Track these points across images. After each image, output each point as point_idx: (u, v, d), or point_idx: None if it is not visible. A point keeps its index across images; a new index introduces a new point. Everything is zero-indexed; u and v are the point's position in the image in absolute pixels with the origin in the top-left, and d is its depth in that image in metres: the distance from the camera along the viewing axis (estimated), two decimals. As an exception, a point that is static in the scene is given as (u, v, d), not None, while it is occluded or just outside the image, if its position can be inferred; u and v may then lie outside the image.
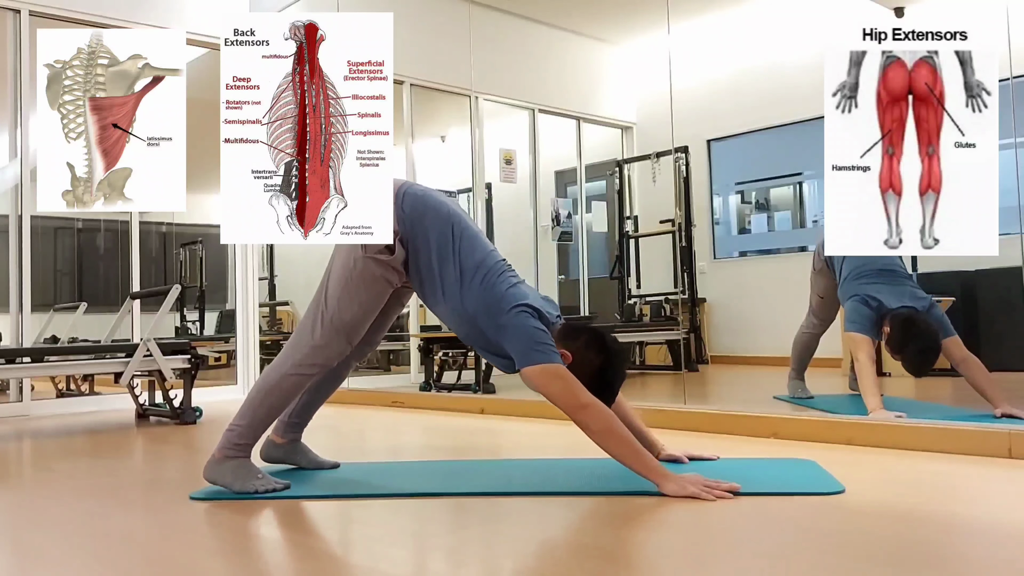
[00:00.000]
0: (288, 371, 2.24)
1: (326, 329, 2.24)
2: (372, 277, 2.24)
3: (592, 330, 2.28)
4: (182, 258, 6.80)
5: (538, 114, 6.90)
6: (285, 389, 2.24)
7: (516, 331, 2.12)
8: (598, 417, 2.06)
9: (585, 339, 2.22)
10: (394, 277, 2.27)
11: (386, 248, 2.23)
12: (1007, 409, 3.05)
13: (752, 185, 7.02)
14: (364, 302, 2.25)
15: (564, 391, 2.08)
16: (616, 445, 2.07)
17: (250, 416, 2.22)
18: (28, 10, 4.77)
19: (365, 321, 2.29)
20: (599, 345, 2.22)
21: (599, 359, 2.20)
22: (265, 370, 2.30)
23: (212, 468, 2.20)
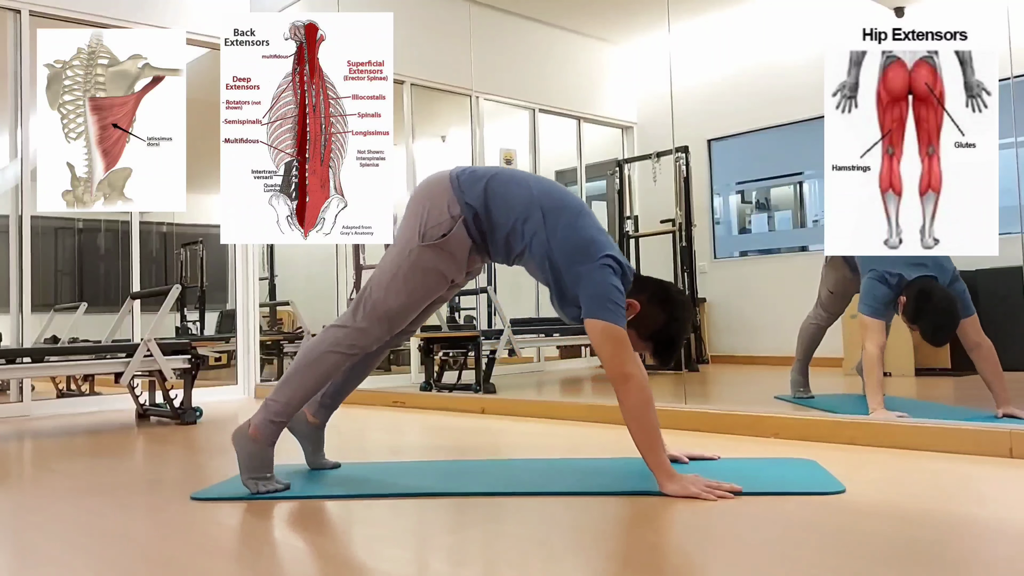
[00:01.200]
0: (328, 348, 2.22)
1: (369, 313, 2.22)
2: (425, 268, 2.20)
3: (659, 283, 2.25)
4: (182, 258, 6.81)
5: (538, 114, 6.90)
6: (324, 367, 2.22)
7: (595, 283, 2.09)
8: (636, 393, 2.05)
9: (651, 291, 2.20)
10: (451, 268, 2.23)
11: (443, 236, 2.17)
12: (1008, 409, 3.04)
13: (752, 185, 7.02)
14: (413, 291, 2.22)
15: (614, 355, 2.06)
16: (640, 428, 2.05)
17: (288, 393, 2.21)
18: (28, 10, 4.77)
19: (410, 311, 2.26)
20: (664, 297, 2.20)
21: (664, 313, 2.18)
22: (305, 348, 2.29)
23: (241, 439, 2.20)
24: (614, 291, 2.09)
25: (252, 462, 2.19)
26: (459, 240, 2.19)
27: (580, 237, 2.15)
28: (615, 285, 2.10)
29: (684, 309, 2.23)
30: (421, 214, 2.21)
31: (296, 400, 2.23)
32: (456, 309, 6.83)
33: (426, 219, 2.20)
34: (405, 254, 2.21)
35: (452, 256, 2.21)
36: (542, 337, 6.19)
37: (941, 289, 3.13)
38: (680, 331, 2.22)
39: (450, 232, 2.18)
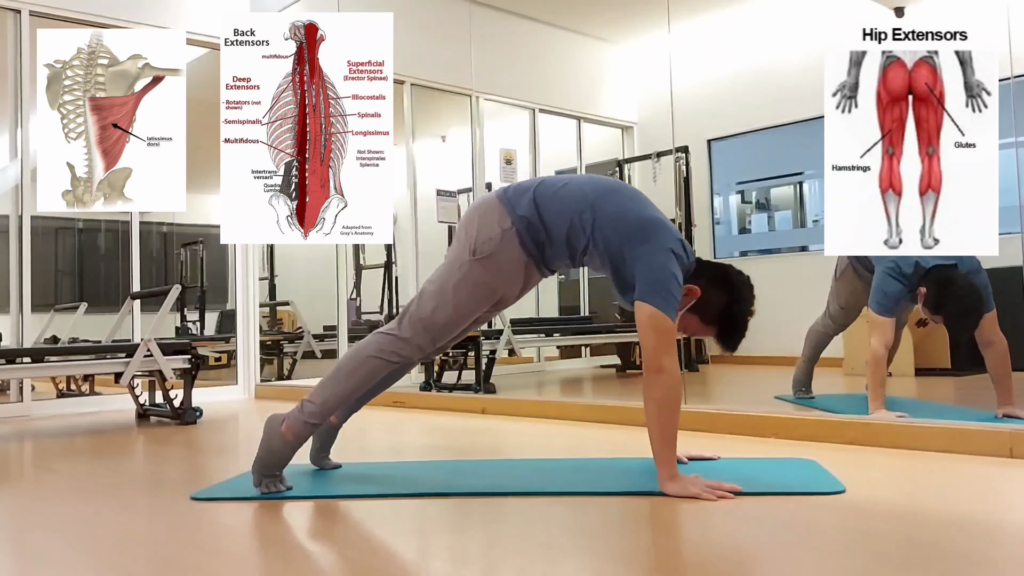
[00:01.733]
0: (371, 354, 2.21)
1: (415, 324, 2.21)
2: (475, 282, 2.18)
3: (718, 265, 2.23)
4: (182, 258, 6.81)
5: (538, 114, 6.90)
6: (364, 372, 2.21)
7: (653, 267, 2.06)
8: (666, 388, 2.04)
9: (710, 275, 2.18)
10: (501, 282, 2.20)
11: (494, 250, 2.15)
12: (1008, 409, 3.04)
13: (752, 185, 7.02)
14: (460, 305, 2.19)
15: (656, 345, 2.04)
16: (659, 423, 2.04)
17: (325, 395, 2.20)
18: (28, 10, 4.77)
19: (456, 326, 2.23)
20: (724, 279, 2.18)
21: (725, 295, 2.16)
22: (348, 352, 2.27)
23: (272, 430, 2.19)
24: (672, 279, 2.06)
25: (271, 458, 2.18)
26: (512, 253, 2.17)
27: (636, 217, 2.13)
28: (674, 273, 2.07)
29: (746, 290, 2.21)
30: (471, 231, 2.19)
31: (332, 402, 2.21)
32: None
33: (476, 235, 2.18)
34: (455, 268, 2.19)
35: (503, 270, 2.18)
36: (542, 337, 6.19)
37: (963, 276, 3.04)
38: (744, 312, 2.19)
39: (501, 245, 2.15)
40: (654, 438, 2.05)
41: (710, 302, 2.16)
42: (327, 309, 6.07)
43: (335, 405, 2.23)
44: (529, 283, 2.28)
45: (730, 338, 2.20)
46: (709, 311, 2.16)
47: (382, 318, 6.84)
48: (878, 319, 3.18)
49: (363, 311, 6.94)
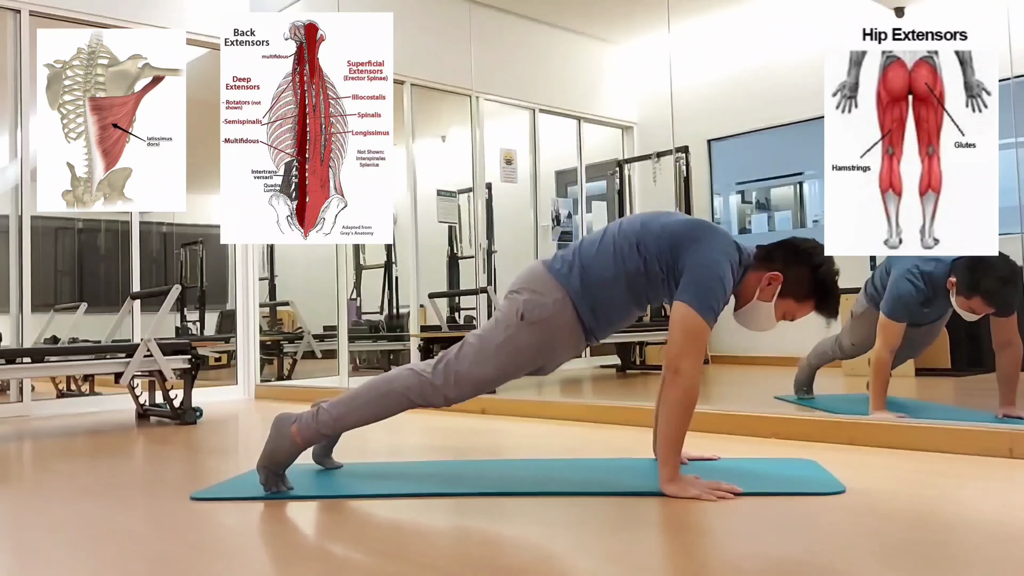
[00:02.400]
0: (399, 389, 2.19)
1: (449, 374, 2.17)
2: (519, 346, 2.15)
3: (782, 243, 2.20)
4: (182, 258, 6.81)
5: (538, 114, 6.90)
6: (387, 404, 2.20)
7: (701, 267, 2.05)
8: (681, 389, 2.02)
9: (782, 254, 2.16)
10: (546, 348, 2.16)
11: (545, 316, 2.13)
12: (1009, 410, 3.04)
13: (752, 185, 7.02)
14: (500, 365, 2.16)
15: (681, 345, 2.03)
16: (669, 422, 2.03)
17: (343, 412, 2.19)
18: (28, 10, 4.77)
19: (490, 384, 2.21)
20: (795, 252, 2.16)
21: (805, 266, 2.14)
22: (377, 379, 2.24)
23: (281, 429, 2.18)
24: (716, 280, 2.05)
25: (277, 456, 2.17)
26: (562, 320, 2.15)
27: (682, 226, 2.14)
28: (720, 275, 2.05)
29: (819, 250, 2.19)
30: (521, 295, 2.17)
31: (348, 422, 2.20)
32: (456, 309, 6.84)
33: (526, 299, 2.15)
34: (501, 327, 2.16)
35: (552, 337, 2.16)
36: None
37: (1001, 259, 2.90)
38: (829, 271, 2.16)
39: (553, 312, 2.13)
40: (662, 437, 2.05)
41: (796, 279, 2.13)
42: (327, 309, 6.07)
43: (350, 425, 2.22)
44: (575, 351, 2.26)
45: (829, 304, 2.16)
46: (799, 288, 2.13)
47: (382, 318, 6.84)
48: (887, 322, 3.15)
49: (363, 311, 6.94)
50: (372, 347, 6.99)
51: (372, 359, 7.01)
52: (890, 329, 3.14)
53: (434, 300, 5.95)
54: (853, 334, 3.61)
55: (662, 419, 2.06)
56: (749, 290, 2.16)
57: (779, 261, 2.15)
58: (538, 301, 2.14)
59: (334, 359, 5.82)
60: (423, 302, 6.08)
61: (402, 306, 6.59)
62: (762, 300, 2.15)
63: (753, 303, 2.16)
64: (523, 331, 2.14)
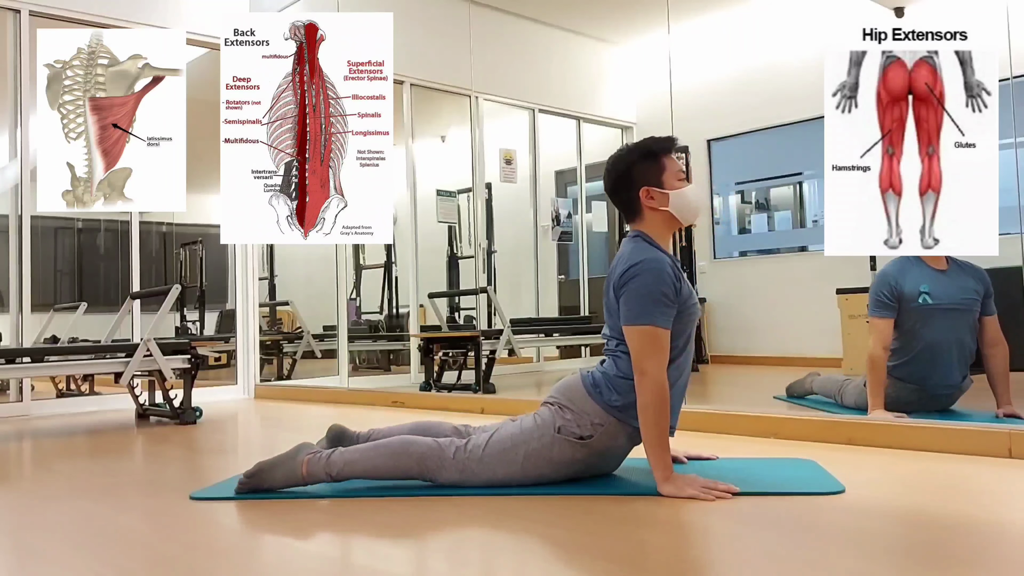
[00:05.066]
0: (417, 455, 2.13)
1: (470, 464, 2.12)
2: (551, 458, 2.11)
3: (618, 155, 2.25)
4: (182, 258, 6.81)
5: (538, 114, 6.91)
6: (399, 464, 2.14)
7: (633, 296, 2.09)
8: (648, 391, 2.03)
9: (623, 183, 2.22)
10: (581, 462, 2.13)
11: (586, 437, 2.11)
12: (1008, 409, 3.04)
13: (752, 185, 7.02)
14: (526, 471, 2.12)
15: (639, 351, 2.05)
16: (646, 424, 2.04)
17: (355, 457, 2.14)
18: (28, 10, 4.77)
19: (519, 485, 2.14)
20: (635, 153, 2.22)
21: (640, 157, 2.20)
22: (404, 438, 2.19)
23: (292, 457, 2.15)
24: (647, 297, 2.07)
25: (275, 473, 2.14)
26: (608, 439, 2.12)
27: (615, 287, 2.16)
28: (647, 284, 2.08)
29: (641, 144, 2.22)
30: (561, 408, 2.14)
31: (356, 469, 2.14)
32: (456, 309, 6.84)
33: (565, 415, 2.12)
34: (536, 436, 2.12)
35: (592, 455, 2.13)
36: (542, 337, 6.19)
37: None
38: (646, 144, 2.21)
39: (595, 434, 2.11)
40: (645, 441, 2.06)
41: (642, 175, 2.18)
42: (327, 309, 6.07)
43: (357, 473, 2.15)
44: (624, 455, 2.23)
45: (650, 147, 2.20)
46: (649, 176, 2.18)
47: (382, 318, 6.84)
48: (876, 321, 3.17)
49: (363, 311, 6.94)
50: (372, 347, 6.99)
51: (372, 359, 7.02)
52: (877, 326, 3.16)
53: (434, 300, 5.95)
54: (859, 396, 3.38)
55: (641, 425, 2.06)
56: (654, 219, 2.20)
57: (634, 185, 2.19)
58: (577, 422, 2.11)
59: (334, 359, 5.82)
60: (423, 302, 6.08)
61: (402, 306, 6.59)
62: (662, 206, 2.18)
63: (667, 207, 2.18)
64: (559, 447, 2.11)
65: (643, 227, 2.22)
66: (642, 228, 2.22)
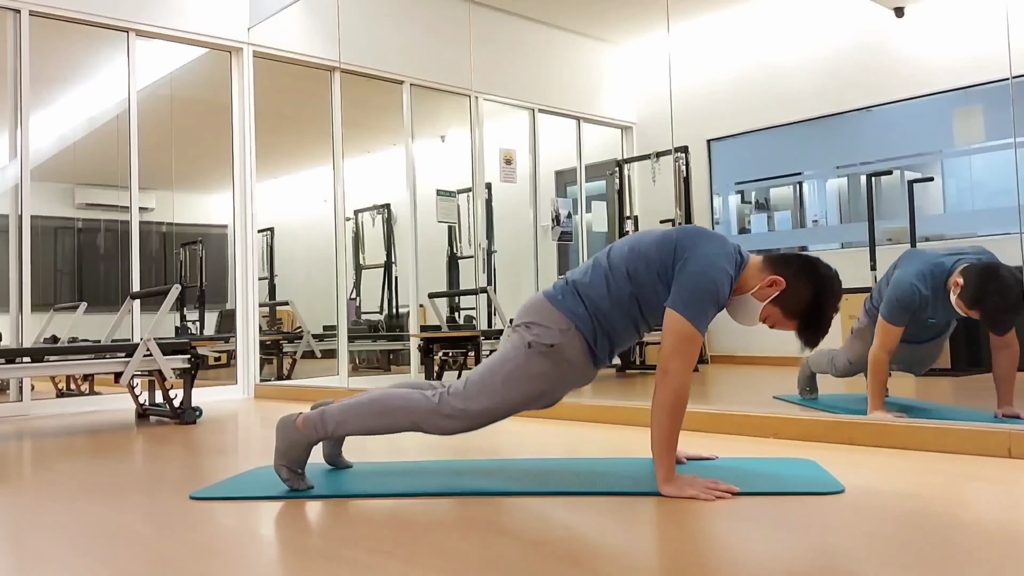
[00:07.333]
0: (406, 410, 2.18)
1: (456, 403, 2.18)
2: (531, 375, 2.16)
3: (806, 258, 2.18)
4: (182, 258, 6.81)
5: (538, 114, 6.91)
6: (390, 421, 2.19)
7: (692, 275, 2.06)
8: (669, 391, 2.04)
9: (797, 267, 2.14)
10: (556, 376, 2.18)
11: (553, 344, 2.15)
12: (1008, 410, 3.04)
13: (752, 185, 7.03)
14: (508, 394, 2.16)
15: (671, 349, 2.05)
16: (659, 424, 2.05)
17: (345, 418, 2.20)
18: (28, 10, 4.77)
19: (496, 416, 2.20)
20: (812, 273, 2.13)
21: (811, 287, 2.12)
22: (388, 392, 2.23)
23: (286, 426, 2.20)
24: (707, 288, 2.06)
25: (291, 452, 2.19)
26: (571, 350, 2.16)
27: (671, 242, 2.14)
28: (714, 279, 2.06)
29: (833, 283, 2.15)
30: (528, 328, 2.18)
31: (347, 428, 2.21)
32: (456, 309, 6.84)
33: (534, 329, 2.17)
34: (511, 358, 2.18)
35: (561, 365, 2.17)
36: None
37: (1006, 268, 2.91)
38: (828, 306, 2.14)
39: (563, 342, 2.15)
40: (654, 439, 2.06)
41: (795, 295, 2.12)
42: (327, 309, 6.07)
43: (351, 432, 2.23)
44: (584, 380, 2.26)
45: (812, 333, 2.15)
46: (793, 304, 2.13)
47: (381, 318, 6.84)
48: (885, 325, 3.14)
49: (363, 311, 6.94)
50: (372, 347, 7.00)
51: (372, 359, 7.02)
52: (888, 331, 3.14)
53: (434, 300, 5.95)
54: (851, 351, 3.59)
55: (653, 421, 2.07)
56: (747, 284, 2.16)
57: (791, 270, 2.14)
58: (546, 332, 2.15)
59: (334, 359, 5.82)
60: (423, 302, 6.08)
61: (402, 306, 6.59)
62: (756, 297, 2.15)
63: (746, 296, 2.16)
64: (533, 360, 2.15)
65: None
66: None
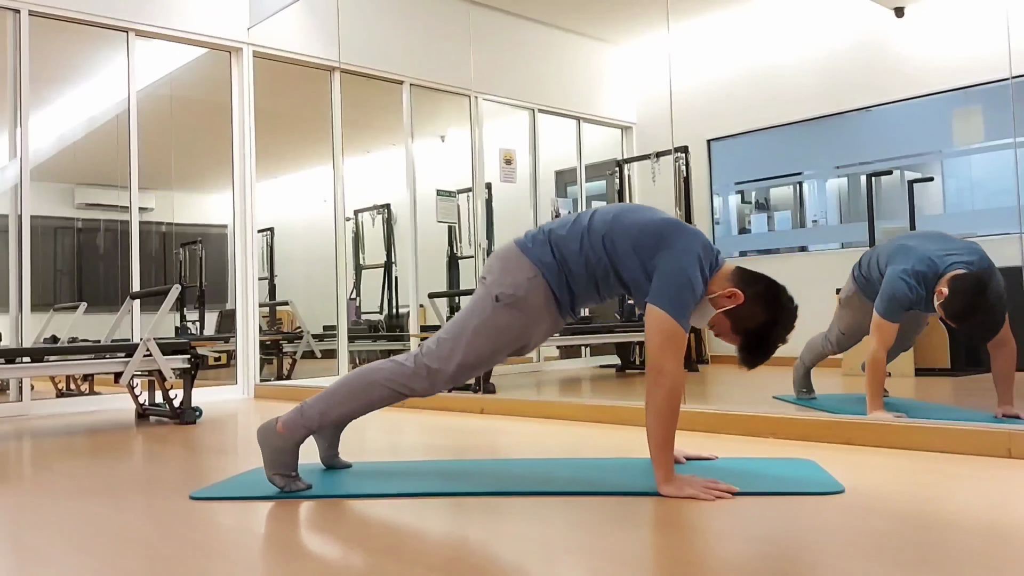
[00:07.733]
0: (383, 381, 2.20)
1: (432, 361, 2.19)
2: (498, 327, 2.18)
3: (772, 283, 2.17)
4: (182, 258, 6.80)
5: (538, 114, 6.91)
6: (371, 397, 2.21)
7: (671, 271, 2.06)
8: (664, 391, 2.03)
9: (760, 288, 2.13)
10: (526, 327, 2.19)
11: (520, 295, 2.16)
12: (1008, 409, 3.04)
13: (752, 185, 7.02)
14: (480, 348, 2.18)
15: (660, 348, 2.04)
16: (656, 424, 2.05)
17: (326, 407, 2.21)
18: (28, 10, 4.77)
19: (474, 369, 2.22)
20: (771, 298, 2.13)
21: (767, 314, 2.11)
22: (362, 369, 2.25)
23: (268, 435, 2.20)
24: (687, 284, 2.06)
25: (279, 458, 2.19)
26: (537, 300, 2.18)
27: (653, 227, 2.14)
28: (691, 277, 2.07)
29: (788, 317, 2.15)
30: (494, 278, 2.20)
31: (332, 416, 2.22)
32: (456, 309, 6.84)
33: (500, 282, 2.19)
34: (477, 311, 2.19)
35: (529, 315, 2.18)
36: (541, 337, 6.17)
37: (995, 284, 2.92)
38: (776, 337, 2.14)
39: (527, 291, 2.16)
40: (651, 440, 2.06)
41: (748, 313, 2.12)
42: (327, 309, 6.07)
43: (335, 419, 2.24)
44: (553, 328, 2.27)
45: (753, 356, 2.15)
46: (743, 321, 2.13)
47: (381, 318, 6.84)
48: (882, 323, 3.15)
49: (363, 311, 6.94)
50: (372, 347, 7.00)
51: (372, 359, 7.02)
52: (885, 329, 3.15)
53: (434, 300, 5.95)
54: (841, 321, 3.63)
55: (649, 422, 2.07)
56: (710, 287, 2.16)
57: (754, 289, 2.13)
58: (512, 281, 2.17)
59: (333, 359, 5.82)
60: (423, 302, 6.08)
61: (402, 306, 6.59)
62: (712, 303, 2.15)
63: (703, 301, 2.16)
64: (500, 313, 2.17)
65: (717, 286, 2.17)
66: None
